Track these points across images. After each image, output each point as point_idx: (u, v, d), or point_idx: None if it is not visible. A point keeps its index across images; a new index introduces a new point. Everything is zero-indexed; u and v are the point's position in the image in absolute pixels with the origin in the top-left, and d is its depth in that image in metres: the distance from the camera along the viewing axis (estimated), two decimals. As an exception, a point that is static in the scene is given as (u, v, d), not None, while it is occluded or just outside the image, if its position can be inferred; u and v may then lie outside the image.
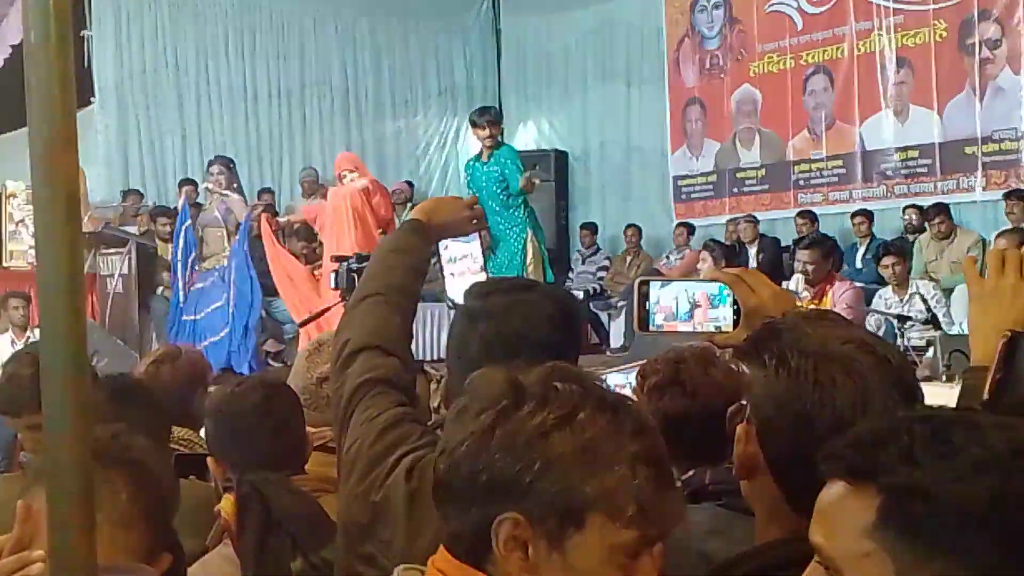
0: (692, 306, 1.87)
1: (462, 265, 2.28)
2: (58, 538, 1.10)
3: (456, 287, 2.25)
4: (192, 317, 9.16)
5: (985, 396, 1.38)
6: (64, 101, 1.01)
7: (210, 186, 9.73)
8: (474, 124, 7.82)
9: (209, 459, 2.48)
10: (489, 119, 7.73)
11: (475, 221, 2.25)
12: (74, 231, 1.05)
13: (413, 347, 2.03)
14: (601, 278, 12.01)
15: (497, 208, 7.53)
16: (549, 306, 1.75)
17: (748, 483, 1.55)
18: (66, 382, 1.09)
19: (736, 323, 1.81)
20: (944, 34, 10.23)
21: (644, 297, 1.87)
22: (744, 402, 1.51)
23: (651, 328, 1.88)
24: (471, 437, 1.28)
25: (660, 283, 1.89)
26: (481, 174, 7.67)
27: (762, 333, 1.49)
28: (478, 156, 7.85)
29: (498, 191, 7.55)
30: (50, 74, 1.01)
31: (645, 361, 2.59)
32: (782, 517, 1.45)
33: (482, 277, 2.27)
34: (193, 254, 9.37)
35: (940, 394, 3.88)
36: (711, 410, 2.33)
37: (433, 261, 2.25)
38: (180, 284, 9.26)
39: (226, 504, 2.25)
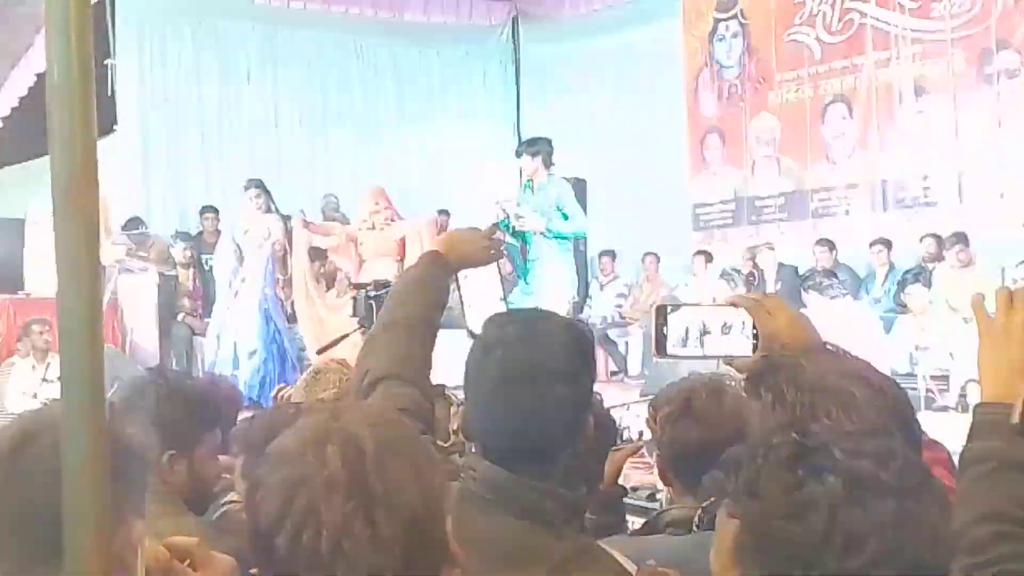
0: (706, 332, 1.88)
1: (481, 295, 2.30)
2: (74, 562, 1.11)
3: (475, 317, 2.26)
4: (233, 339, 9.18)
5: (1015, 419, 1.39)
6: (85, 137, 1.03)
7: (249, 207, 9.73)
8: (518, 155, 7.90)
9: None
10: (523, 150, 7.76)
11: (493, 251, 2.28)
12: (94, 267, 1.07)
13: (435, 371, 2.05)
14: (619, 305, 12.01)
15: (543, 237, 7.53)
16: (564, 336, 1.77)
17: None
18: (84, 413, 1.11)
19: (755, 348, 1.82)
20: (963, 64, 10.23)
21: (662, 323, 1.88)
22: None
23: (667, 353, 1.90)
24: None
25: (677, 308, 1.90)
26: (530, 201, 7.68)
27: (760, 367, 1.51)
28: (529, 183, 7.85)
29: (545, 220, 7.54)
30: (71, 109, 1.02)
31: (656, 394, 2.60)
32: None
33: (501, 307, 2.28)
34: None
35: (954, 425, 3.87)
36: (723, 440, 2.35)
37: (454, 289, 2.28)
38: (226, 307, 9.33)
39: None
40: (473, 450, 1.85)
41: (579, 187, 13.24)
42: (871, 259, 10.25)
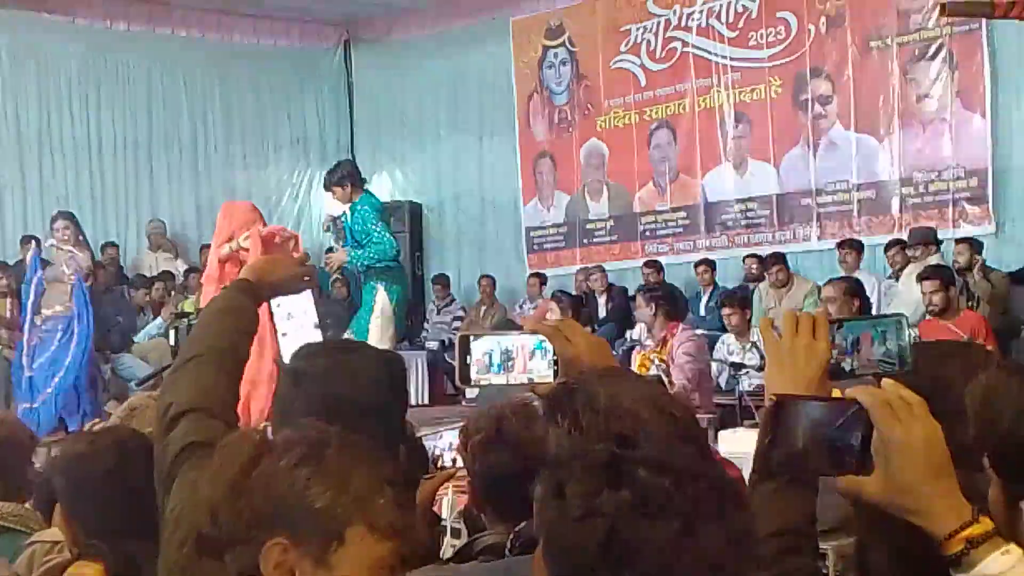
0: (507, 358, 1.92)
1: (295, 323, 2.29)
2: None
3: (289, 346, 2.25)
4: (29, 373, 8.80)
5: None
6: None
7: (55, 242, 9.40)
8: (326, 187, 7.71)
9: (59, 521, 2.34)
10: (330, 181, 7.57)
11: (307, 278, 2.27)
12: None
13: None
14: (456, 328, 12.05)
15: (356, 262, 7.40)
16: (373, 368, 1.78)
17: None
18: None
19: (556, 373, 1.87)
20: (779, 90, 10.70)
21: (465, 351, 1.92)
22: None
23: (472, 382, 1.94)
24: (227, 485, 1.36)
25: (480, 336, 1.95)
26: (347, 225, 7.53)
27: (556, 392, 1.55)
28: (344, 214, 7.69)
29: (355, 245, 7.39)
30: None
31: (465, 420, 2.63)
32: None
33: (317, 335, 2.29)
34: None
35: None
36: (535, 464, 2.39)
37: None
38: (25, 339, 8.90)
39: (88, 571, 2.14)
40: None
41: (414, 212, 13.35)
42: (696, 279, 10.57)
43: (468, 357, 1.91)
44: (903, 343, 1.70)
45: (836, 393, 1.53)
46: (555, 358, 1.87)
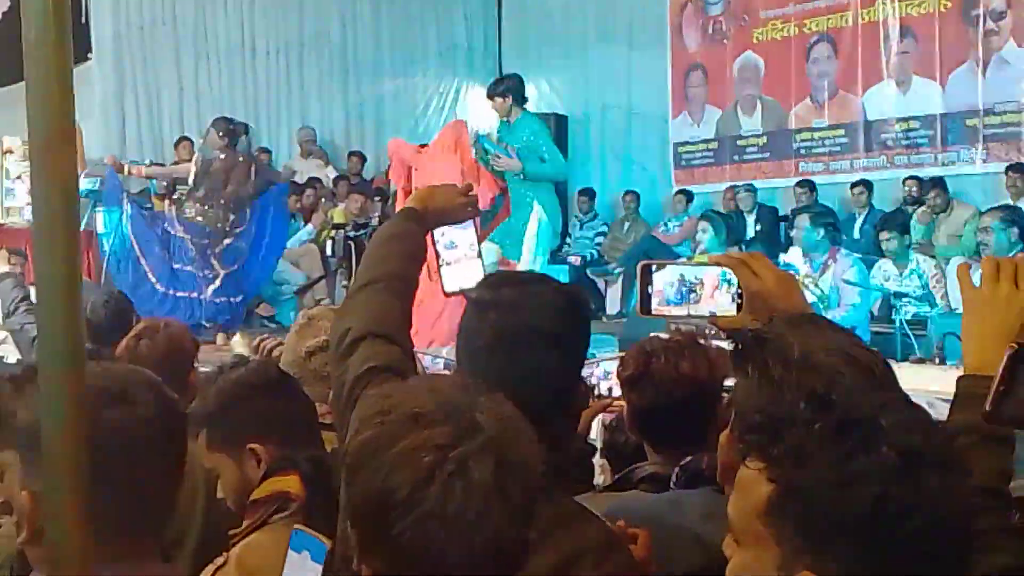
0: (690, 290, 1.87)
1: (458, 252, 2.28)
2: (54, 528, 1.10)
3: (451, 275, 2.24)
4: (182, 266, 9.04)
5: (987, 407, 1.39)
6: (61, 57, 1.00)
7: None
8: (489, 96, 7.71)
9: (253, 444, 2.38)
10: (493, 91, 7.57)
11: (470, 208, 2.26)
12: (71, 232, 1.04)
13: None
14: (598, 244, 12.00)
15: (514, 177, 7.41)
16: (560, 300, 1.76)
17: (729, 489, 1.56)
18: (63, 378, 1.09)
19: (739, 307, 1.82)
20: (948, 4, 10.15)
21: (647, 281, 1.88)
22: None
23: (652, 312, 1.90)
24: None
25: (662, 267, 1.90)
26: (506, 140, 7.52)
27: (747, 342, 1.50)
28: (504, 121, 7.70)
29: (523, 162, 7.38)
30: (46, 32, 1.00)
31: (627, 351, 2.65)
32: None
33: (478, 264, 2.27)
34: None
35: (932, 376, 3.90)
36: (676, 402, 2.39)
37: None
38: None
39: (292, 483, 2.18)
40: None
41: (560, 124, 13.23)
42: (851, 200, 10.25)
43: (649, 287, 1.87)
44: None
45: None
46: (739, 291, 1.81)
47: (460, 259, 2.26)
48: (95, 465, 1.41)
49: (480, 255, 2.32)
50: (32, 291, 7.43)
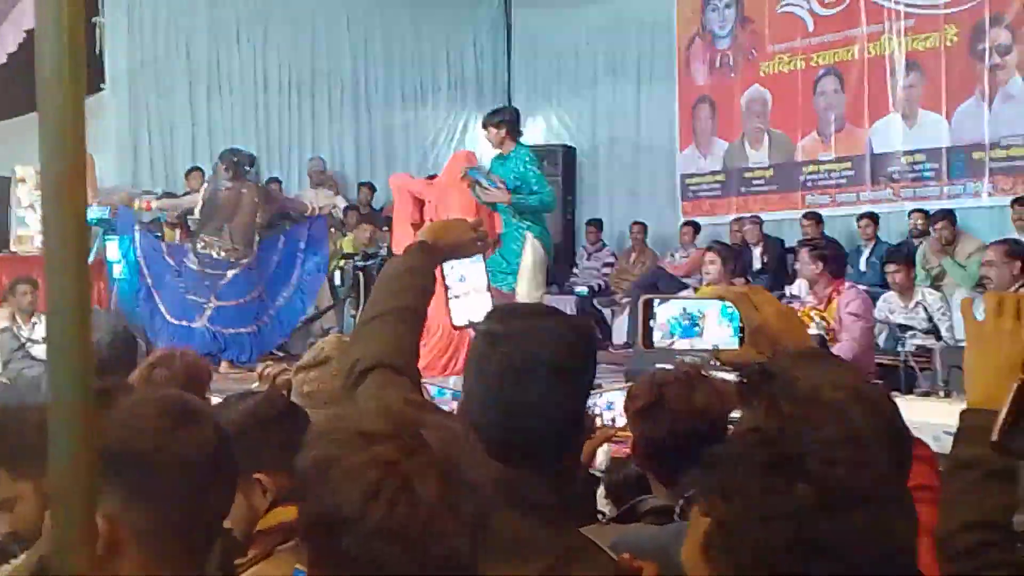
0: (692, 324, 1.89)
1: (466, 285, 2.30)
2: (60, 560, 1.11)
3: (460, 308, 2.27)
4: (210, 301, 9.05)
5: (994, 437, 1.40)
6: (75, 88, 1.01)
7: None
8: (484, 125, 7.79)
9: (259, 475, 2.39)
10: (489, 121, 7.66)
11: (480, 243, 2.29)
12: (81, 258, 1.07)
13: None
14: (606, 274, 12.03)
15: (505, 208, 7.46)
16: (568, 333, 1.77)
17: None
18: (73, 410, 1.10)
19: (741, 341, 1.83)
20: (955, 39, 10.20)
21: (648, 315, 1.90)
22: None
23: (654, 346, 1.92)
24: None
25: (664, 301, 1.92)
26: (498, 172, 7.58)
27: (753, 376, 1.51)
28: (500, 154, 7.76)
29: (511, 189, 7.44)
30: (60, 63, 1.00)
31: (632, 383, 2.64)
32: None
33: (487, 298, 2.29)
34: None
35: (937, 409, 3.90)
36: (689, 433, 2.39)
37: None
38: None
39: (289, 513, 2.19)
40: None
41: (568, 156, 13.30)
42: (858, 233, 10.27)
43: (652, 320, 1.89)
44: None
45: None
46: (741, 325, 1.83)
47: (469, 292, 2.28)
48: (165, 484, 1.43)
49: (489, 289, 2.34)
50: (29, 337, 7.55)
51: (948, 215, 9.41)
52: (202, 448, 1.49)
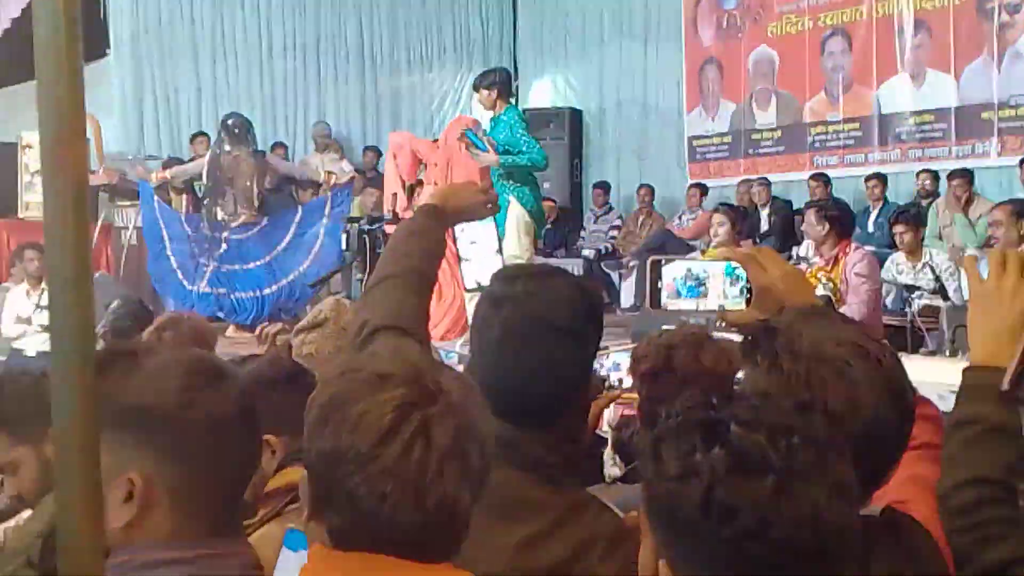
0: (699, 284, 1.90)
1: (477, 248, 2.29)
2: (64, 523, 1.11)
3: (471, 271, 2.26)
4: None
5: (1005, 386, 1.39)
6: (72, 52, 0.99)
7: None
8: (475, 87, 7.75)
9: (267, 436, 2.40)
10: (480, 83, 7.60)
11: (490, 205, 2.28)
12: (82, 226, 1.06)
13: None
14: (613, 237, 12.00)
15: (495, 170, 7.42)
16: (573, 294, 1.77)
17: None
18: (74, 375, 1.10)
19: (748, 301, 1.84)
20: (963, -3, 10.12)
21: (656, 276, 1.90)
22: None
23: (662, 306, 1.93)
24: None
25: (671, 261, 1.93)
26: (491, 134, 7.55)
27: (756, 332, 1.50)
28: (492, 116, 7.72)
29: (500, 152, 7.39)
30: (57, 27, 0.99)
31: (637, 344, 2.63)
32: None
33: (498, 260, 2.29)
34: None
35: (943, 369, 3.90)
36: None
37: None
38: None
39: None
40: None
41: (575, 119, 13.24)
42: (866, 193, 10.23)
43: (659, 281, 1.89)
44: None
45: None
46: (748, 285, 1.83)
47: (480, 255, 2.28)
48: (195, 442, 1.44)
49: (500, 251, 2.33)
50: (37, 303, 7.57)
51: (965, 174, 9.34)
52: (230, 406, 1.48)
